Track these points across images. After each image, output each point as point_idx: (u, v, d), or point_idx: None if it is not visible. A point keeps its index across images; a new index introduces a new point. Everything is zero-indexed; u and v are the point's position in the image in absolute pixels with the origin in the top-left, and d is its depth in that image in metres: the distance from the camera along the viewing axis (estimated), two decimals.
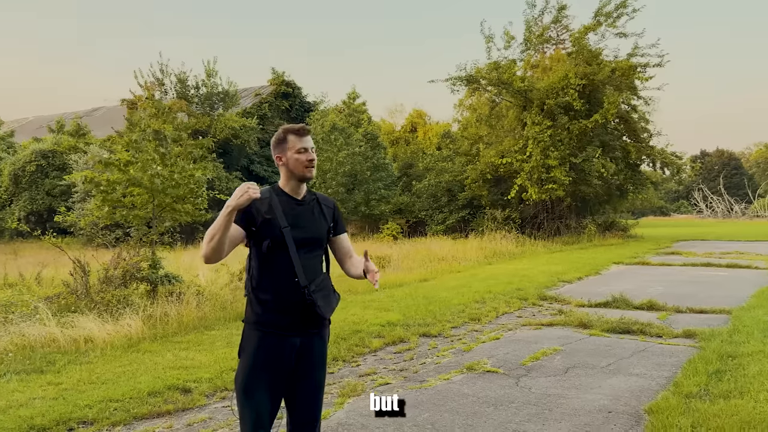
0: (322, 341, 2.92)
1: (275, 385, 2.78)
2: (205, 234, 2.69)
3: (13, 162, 29.13)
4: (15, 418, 4.76)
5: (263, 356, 2.76)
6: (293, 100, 33.92)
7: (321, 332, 2.90)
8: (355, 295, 10.86)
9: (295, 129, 2.91)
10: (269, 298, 2.77)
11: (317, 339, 2.89)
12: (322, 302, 2.78)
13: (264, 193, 2.84)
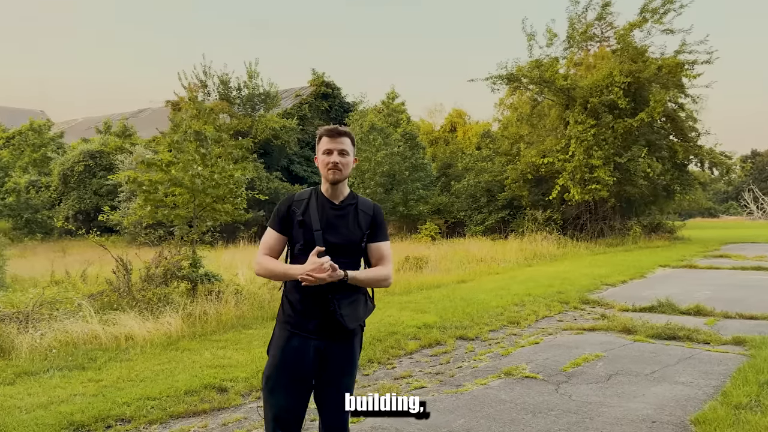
0: (350, 348, 2.85)
1: (297, 386, 2.78)
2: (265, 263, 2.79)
3: (63, 162, 30.06)
4: (56, 414, 4.86)
5: (287, 356, 2.78)
6: (333, 101, 34.08)
7: (349, 339, 2.84)
8: (392, 296, 10.80)
9: (327, 130, 2.86)
10: (297, 299, 2.80)
11: (345, 346, 2.83)
12: (347, 311, 2.72)
13: (303, 194, 2.90)
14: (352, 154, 2.89)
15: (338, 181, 2.84)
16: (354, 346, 2.87)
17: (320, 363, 2.79)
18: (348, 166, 2.86)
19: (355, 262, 2.82)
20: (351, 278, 2.69)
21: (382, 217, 2.94)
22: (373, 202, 2.96)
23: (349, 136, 2.88)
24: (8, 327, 7.08)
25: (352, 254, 2.80)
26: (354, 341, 2.87)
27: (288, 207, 2.87)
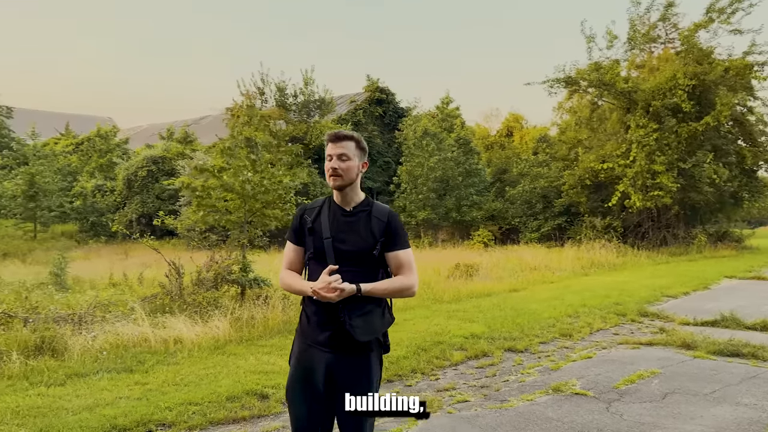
0: (364, 363, 2.72)
1: (312, 397, 2.73)
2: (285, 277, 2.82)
3: (127, 167, 31.20)
4: (99, 417, 4.94)
5: (302, 368, 2.76)
6: (387, 106, 34.11)
7: (363, 354, 2.72)
8: (440, 304, 10.63)
9: (329, 134, 2.81)
10: (312, 311, 2.76)
11: (359, 360, 2.71)
12: (358, 323, 2.62)
13: (317, 202, 2.86)
14: (357, 158, 2.77)
15: (340, 187, 2.75)
16: (371, 361, 2.73)
17: (333, 377, 2.70)
18: (349, 171, 2.74)
19: (368, 271, 2.69)
20: (365, 291, 2.60)
21: (398, 223, 2.78)
22: (388, 208, 2.82)
23: (352, 140, 2.78)
24: (63, 328, 7.30)
25: (363, 263, 2.69)
26: (371, 357, 2.73)
27: (300, 217, 2.86)
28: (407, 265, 2.74)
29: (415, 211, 27.14)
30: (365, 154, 2.84)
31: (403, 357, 6.89)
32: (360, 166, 2.80)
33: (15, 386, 5.81)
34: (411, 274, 2.73)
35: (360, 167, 2.80)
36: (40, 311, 7.93)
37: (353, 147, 2.77)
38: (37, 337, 6.90)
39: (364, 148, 2.82)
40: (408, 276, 2.72)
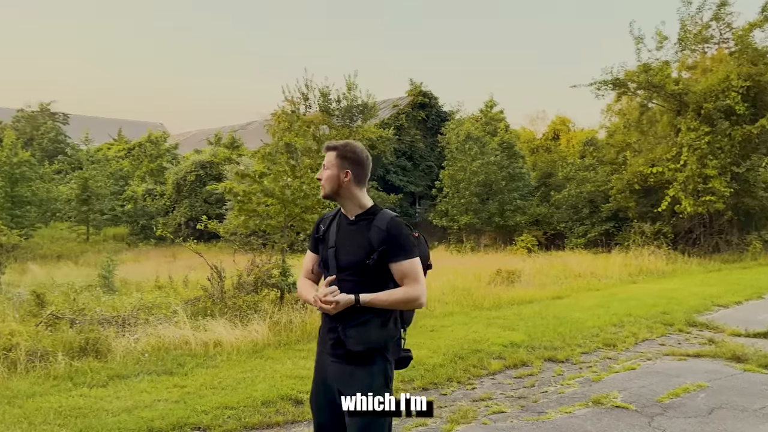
0: (365, 374, 2.69)
1: (325, 403, 2.80)
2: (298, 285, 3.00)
3: (176, 172, 31.98)
4: (137, 419, 5.04)
5: (317, 375, 2.87)
6: (430, 110, 34.00)
7: (364, 363, 2.69)
8: (480, 311, 10.49)
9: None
10: (323, 318, 2.85)
11: (360, 370, 2.69)
12: (352, 332, 2.65)
13: (333, 211, 2.95)
14: (336, 168, 2.79)
15: (325, 196, 2.86)
16: (372, 373, 2.69)
17: (339, 384, 2.73)
18: (329, 181, 2.80)
19: (368, 281, 2.67)
20: (364, 302, 2.62)
21: (399, 231, 2.70)
22: (391, 216, 2.75)
23: (334, 150, 2.83)
24: (107, 330, 7.50)
25: (362, 273, 2.69)
26: (372, 368, 2.69)
27: (317, 225, 2.95)
28: (411, 276, 2.68)
29: (457, 216, 26.94)
30: (350, 164, 2.80)
31: (439, 365, 6.81)
32: (342, 175, 2.79)
33: (59, 387, 5.99)
34: (416, 285, 2.67)
35: (342, 176, 2.79)
36: (86, 313, 8.16)
37: (333, 157, 2.81)
38: (82, 338, 7.10)
39: (347, 158, 2.80)
40: (412, 287, 2.67)
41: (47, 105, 48.45)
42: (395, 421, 5.12)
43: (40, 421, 5.02)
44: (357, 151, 2.84)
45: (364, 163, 2.85)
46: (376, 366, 2.70)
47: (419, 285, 2.69)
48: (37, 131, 45.21)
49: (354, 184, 2.81)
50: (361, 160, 2.83)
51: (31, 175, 27.34)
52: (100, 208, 29.58)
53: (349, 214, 2.83)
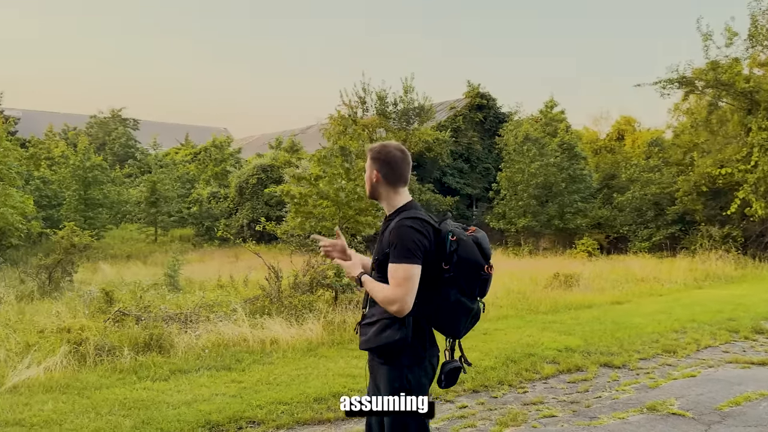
0: (386, 369, 2.71)
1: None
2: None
3: (239, 175, 32.90)
4: (196, 412, 5.26)
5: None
6: (487, 112, 33.70)
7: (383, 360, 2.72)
8: (535, 315, 10.35)
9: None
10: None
11: (381, 365, 2.75)
12: (362, 330, 2.78)
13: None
14: (369, 169, 2.90)
15: (368, 196, 3.00)
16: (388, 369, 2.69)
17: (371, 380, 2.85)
18: (366, 182, 2.96)
19: (381, 279, 2.73)
20: (364, 280, 2.78)
21: (399, 233, 2.64)
22: (404, 217, 2.70)
23: (369, 152, 2.94)
24: (170, 327, 7.83)
25: (378, 270, 2.78)
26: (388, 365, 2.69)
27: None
28: (393, 279, 2.60)
29: (515, 219, 26.59)
30: (379, 165, 2.83)
31: (490, 368, 6.79)
32: (372, 176, 2.85)
33: (125, 380, 6.31)
34: (394, 289, 2.59)
35: (373, 178, 2.85)
36: (151, 310, 8.55)
37: (368, 160, 2.93)
38: (147, 334, 7.45)
39: (375, 159, 2.86)
40: (392, 290, 2.60)
41: (118, 111, 50.81)
42: (442, 422, 5.16)
43: (106, 411, 5.31)
44: (386, 152, 2.84)
45: (393, 163, 2.83)
46: (388, 367, 2.70)
47: (396, 290, 2.58)
48: (109, 136, 47.45)
49: (384, 184, 2.83)
50: (390, 160, 2.82)
51: (103, 178, 28.71)
52: (167, 210, 30.76)
53: (387, 215, 2.91)
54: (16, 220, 11.64)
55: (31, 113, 51.49)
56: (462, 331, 2.79)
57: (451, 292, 2.68)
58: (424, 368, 2.75)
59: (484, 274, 2.72)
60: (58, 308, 9.21)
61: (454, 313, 2.72)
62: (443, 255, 2.66)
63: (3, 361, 6.49)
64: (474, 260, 2.69)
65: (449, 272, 2.66)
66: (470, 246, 2.70)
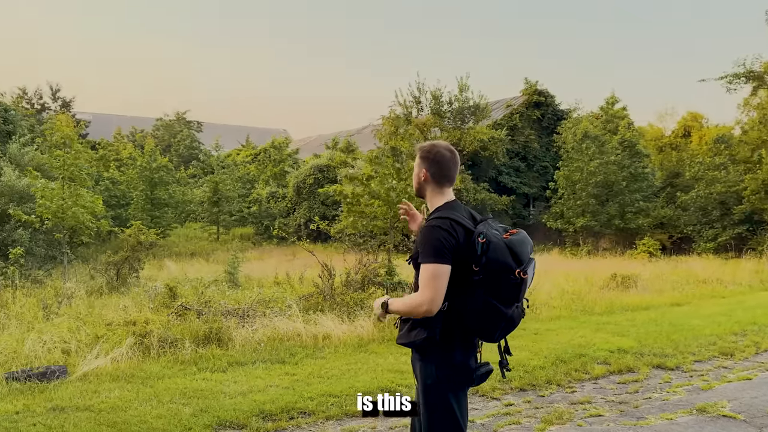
0: (420, 365, 2.79)
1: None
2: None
3: (297, 175, 33.60)
4: (251, 401, 5.52)
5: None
6: (545, 109, 33.22)
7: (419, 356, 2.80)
8: (589, 316, 10.22)
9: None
10: None
11: (418, 361, 2.81)
12: (401, 327, 2.84)
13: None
14: (416, 167, 2.98)
15: (416, 195, 3.03)
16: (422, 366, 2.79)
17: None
18: (414, 180, 3.02)
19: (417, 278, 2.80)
20: (390, 303, 2.78)
21: (425, 233, 2.70)
22: (433, 218, 2.75)
23: (419, 150, 3.01)
24: (229, 321, 8.18)
25: (417, 271, 2.79)
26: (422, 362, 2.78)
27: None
28: (421, 281, 2.66)
29: (573, 218, 26.11)
30: (426, 163, 2.89)
31: (539, 367, 6.80)
32: (420, 175, 2.90)
33: (186, 370, 6.66)
34: (423, 290, 2.63)
35: (421, 176, 2.90)
36: (212, 305, 8.94)
37: (417, 158, 2.99)
38: (207, 328, 7.81)
39: (424, 158, 2.90)
40: (420, 292, 2.65)
41: (183, 114, 52.70)
42: (487, 419, 5.24)
43: (168, 399, 5.64)
44: (436, 151, 2.87)
45: (441, 162, 2.85)
46: (422, 359, 2.78)
47: (426, 291, 2.61)
48: (174, 138, 49.29)
49: (431, 182, 2.86)
50: (439, 159, 2.85)
51: (168, 179, 29.87)
52: (228, 209, 31.73)
53: (429, 213, 2.96)
54: (87, 219, 12.31)
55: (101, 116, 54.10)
56: (495, 335, 2.74)
57: (481, 295, 2.63)
58: (456, 369, 2.73)
59: (514, 279, 2.63)
60: (125, 303, 9.75)
61: (484, 315, 2.66)
62: (473, 257, 2.62)
63: (74, 352, 6.95)
64: (503, 263, 2.62)
65: (478, 274, 2.62)
66: (501, 249, 2.64)
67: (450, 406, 2.73)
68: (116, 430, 4.85)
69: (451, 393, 2.74)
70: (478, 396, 5.97)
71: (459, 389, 2.78)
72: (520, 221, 30.47)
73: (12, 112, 22.25)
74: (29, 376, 5.96)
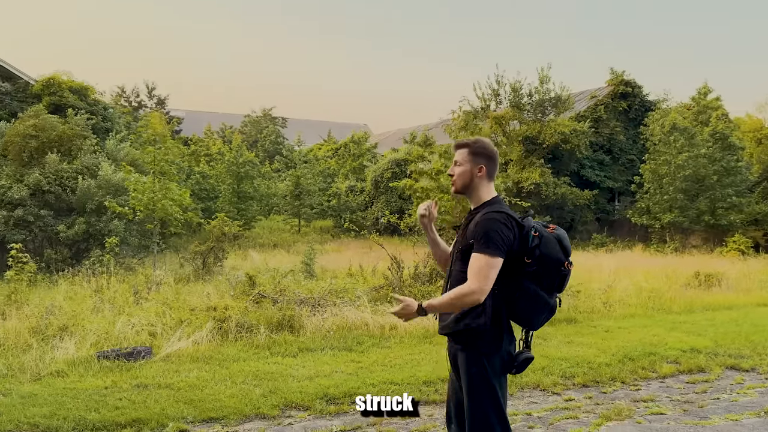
0: (464, 355, 2.89)
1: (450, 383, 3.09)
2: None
3: (375, 170, 34.07)
4: (316, 385, 5.83)
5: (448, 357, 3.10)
6: (632, 100, 31.87)
7: (462, 346, 2.90)
8: (666, 315, 9.92)
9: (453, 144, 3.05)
10: None
11: (460, 351, 2.92)
12: (443, 318, 2.94)
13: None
14: (469, 164, 2.98)
15: (457, 191, 3.04)
16: (466, 355, 2.88)
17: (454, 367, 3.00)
18: (461, 176, 2.98)
19: (462, 269, 2.86)
20: (427, 306, 2.81)
21: (484, 226, 2.80)
22: (491, 211, 2.86)
23: (466, 147, 3.01)
24: (302, 309, 8.58)
25: (459, 261, 2.91)
26: (466, 351, 2.87)
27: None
28: (471, 270, 2.75)
29: (659, 214, 25.02)
30: (482, 158, 2.98)
31: (605, 364, 6.74)
32: (475, 170, 2.96)
33: (259, 354, 7.08)
34: (471, 279, 2.73)
35: (475, 172, 2.96)
36: (287, 294, 9.37)
37: (465, 153, 2.99)
38: (281, 315, 8.23)
39: (479, 154, 2.98)
40: (468, 282, 2.74)
41: (269, 110, 54.51)
42: (544, 412, 5.29)
43: (241, 380, 6.05)
44: (488, 147, 3.00)
45: (494, 158, 3.01)
46: (469, 352, 2.88)
47: (474, 279, 2.72)
48: (260, 134, 51.08)
49: (485, 178, 2.97)
50: (492, 155, 2.99)
51: (253, 173, 31.09)
52: (309, 203, 32.65)
53: (472, 208, 3.04)
54: (175, 211, 13.14)
55: (193, 113, 56.72)
56: (538, 324, 2.94)
57: (531, 286, 2.81)
58: (501, 356, 2.87)
59: (564, 270, 2.85)
60: (208, 290, 10.38)
61: (533, 305, 2.84)
62: (525, 249, 2.79)
63: (159, 334, 7.53)
64: (555, 257, 2.82)
65: (531, 266, 2.79)
66: (552, 242, 2.83)
67: (495, 393, 2.84)
68: (192, 406, 5.28)
69: (495, 379, 2.85)
70: (538, 390, 6.02)
71: (502, 375, 2.90)
72: (605, 216, 29.49)
73: (110, 110, 23.89)
74: (118, 356, 6.54)
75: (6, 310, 8.09)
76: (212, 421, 5.04)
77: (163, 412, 5.09)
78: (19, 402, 5.20)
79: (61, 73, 21.74)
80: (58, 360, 6.39)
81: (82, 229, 14.60)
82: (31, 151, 15.78)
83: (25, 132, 15.78)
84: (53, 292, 10.20)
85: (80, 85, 22.04)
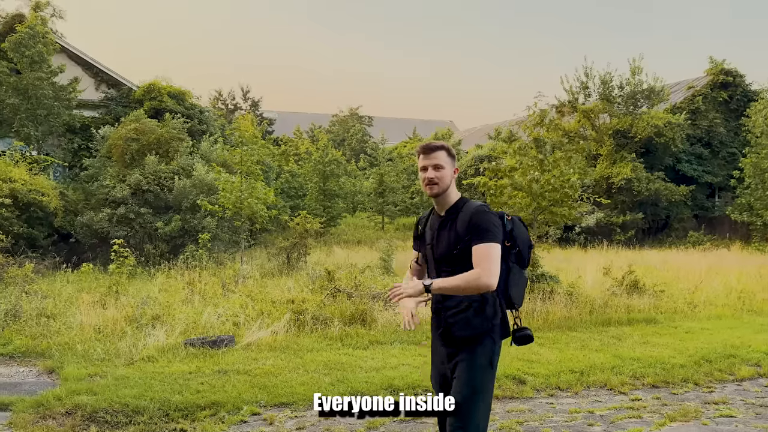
0: (470, 356, 2.86)
1: (438, 388, 3.07)
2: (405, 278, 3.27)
3: (458, 166, 34.03)
4: (382, 377, 6.08)
5: (434, 359, 3.14)
6: (734, 90, 29.96)
7: (470, 347, 2.86)
8: (756, 317, 9.44)
9: (421, 147, 3.02)
10: (431, 309, 3.12)
11: (465, 354, 2.88)
12: (454, 319, 2.88)
13: (426, 213, 3.22)
14: (449, 166, 2.98)
15: (437, 195, 2.98)
16: (475, 354, 2.87)
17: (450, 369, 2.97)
18: (444, 179, 2.95)
19: (461, 270, 2.82)
20: (435, 288, 2.78)
21: (481, 218, 2.85)
22: (476, 206, 2.92)
23: (443, 149, 2.98)
24: (375, 304, 8.86)
25: (454, 263, 2.88)
26: (476, 349, 2.87)
27: (416, 225, 3.24)
28: (481, 258, 2.77)
29: (761, 210, 23.44)
30: (455, 161, 3.05)
31: (679, 365, 6.57)
32: (452, 173, 3.01)
33: (332, 346, 7.41)
34: (484, 264, 2.75)
35: (452, 174, 3.01)
36: (362, 289, 9.69)
37: (445, 156, 2.97)
38: (354, 309, 8.55)
39: (454, 156, 3.02)
40: (478, 268, 2.76)
41: (356, 109, 55.51)
42: (607, 410, 5.27)
43: (312, 369, 6.39)
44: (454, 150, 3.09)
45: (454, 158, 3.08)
46: (481, 347, 2.88)
47: (485, 266, 2.76)
48: (347, 133, 52.15)
49: (454, 178, 3.06)
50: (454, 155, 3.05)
51: (339, 171, 31.88)
52: (392, 200, 33.08)
53: (441, 210, 3.02)
54: (260, 209, 13.83)
55: (285, 114, 58.70)
56: (522, 301, 3.08)
57: (517, 267, 3.00)
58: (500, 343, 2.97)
59: (531, 245, 3.11)
60: (290, 284, 10.89)
61: (521, 284, 3.02)
62: (506, 234, 2.93)
63: (242, 324, 8.03)
64: (526, 235, 3.05)
65: (514, 248, 2.98)
66: (518, 224, 3.04)
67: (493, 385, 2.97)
68: (265, 391, 5.67)
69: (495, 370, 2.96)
70: (605, 390, 5.99)
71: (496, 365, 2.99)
72: (703, 213, 27.95)
73: (206, 114, 25.28)
74: (203, 343, 7.07)
75: (107, 300, 8.88)
76: (283, 406, 5.40)
77: (240, 396, 5.50)
78: (113, 383, 5.78)
79: (160, 79, 23.31)
80: (150, 346, 6.99)
81: (178, 226, 15.62)
82: (132, 153, 17.05)
83: (126, 135, 17.07)
84: (150, 285, 11.05)
85: (178, 90, 23.51)
